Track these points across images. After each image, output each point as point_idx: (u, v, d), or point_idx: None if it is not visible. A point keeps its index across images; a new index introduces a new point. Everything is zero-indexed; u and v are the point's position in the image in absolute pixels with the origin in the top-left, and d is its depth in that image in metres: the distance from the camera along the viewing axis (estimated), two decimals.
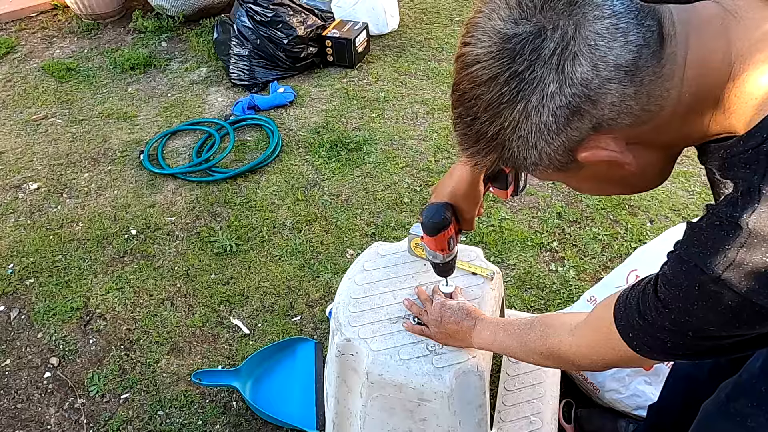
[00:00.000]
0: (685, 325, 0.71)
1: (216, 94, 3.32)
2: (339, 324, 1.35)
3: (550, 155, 0.69)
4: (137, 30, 3.94)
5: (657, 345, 0.76)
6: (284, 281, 2.24)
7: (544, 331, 1.01)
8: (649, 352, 0.78)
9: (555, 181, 0.79)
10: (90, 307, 2.20)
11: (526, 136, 0.68)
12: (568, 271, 2.18)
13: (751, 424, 1.04)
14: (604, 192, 0.83)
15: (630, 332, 0.79)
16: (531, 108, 0.65)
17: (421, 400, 1.26)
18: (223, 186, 2.69)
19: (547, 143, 0.68)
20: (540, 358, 1.03)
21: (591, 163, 0.70)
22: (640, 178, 0.76)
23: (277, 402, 1.83)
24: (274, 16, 3.22)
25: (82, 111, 3.26)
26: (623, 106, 0.64)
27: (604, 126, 0.66)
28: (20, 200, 2.71)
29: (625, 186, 0.79)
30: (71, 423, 1.88)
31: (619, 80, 0.63)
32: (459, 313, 1.23)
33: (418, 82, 3.25)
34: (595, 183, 0.77)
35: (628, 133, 0.67)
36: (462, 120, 0.72)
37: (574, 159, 0.70)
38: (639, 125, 0.66)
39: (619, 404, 1.69)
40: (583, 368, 0.97)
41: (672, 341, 0.74)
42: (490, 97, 0.66)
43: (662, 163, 0.75)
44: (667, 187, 2.51)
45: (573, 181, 0.78)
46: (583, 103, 0.64)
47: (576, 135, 0.67)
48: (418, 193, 2.56)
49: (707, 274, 0.66)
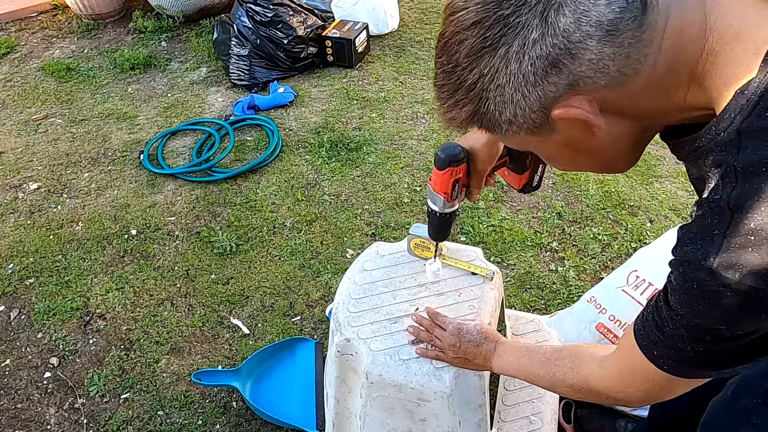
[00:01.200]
0: (699, 329, 0.71)
1: (216, 94, 3.32)
2: (339, 324, 1.35)
3: (524, 111, 0.70)
4: (137, 30, 3.95)
5: (681, 358, 0.75)
6: (284, 281, 2.24)
7: (574, 363, 0.99)
8: (675, 368, 0.77)
9: (529, 150, 0.78)
10: (90, 307, 2.21)
11: (504, 86, 0.68)
12: (568, 271, 2.18)
13: (757, 421, 1.04)
14: (576, 164, 0.82)
15: (654, 350, 0.78)
16: (512, 54, 0.66)
17: (421, 400, 1.26)
18: (223, 186, 2.69)
19: (523, 96, 0.68)
20: (571, 390, 1.00)
21: (563, 124, 0.70)
22: (610, 151, 0.76)
23: (277, 402, 1.83)
24: (274, 16, 3.22)
25: (82, 111, 3.26)
26: (601, 64, 0.65)
27: (581, 84, 0.66)
28: (20, 200, 2.71)
29: (596, 159, 0.78)
30: (71, 423, 1.88)
31: (600, 38, 0.64)
32: (477, 337, 1.20)
33: (418, 82, 3.25)
34: (567, 151, 0.77)
35: (603, 95, 0.67)
36: (443, 69, 0.72)
37: (548, 120, 0.70)
38: (614, 88, 0.67)
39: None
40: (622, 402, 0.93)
41: (693, 350, 0.73)
42: (473, 41, 0.67)
43: (633, 139, 0.75)
44: (666, 187, 2.51)
45: (545, 147, 0.78)
46: (563, 56, 0.65)
47: (552, 91, 0.67)
48: (418, 193, 2.56)
49: (702, 268, 0.66)
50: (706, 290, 0.67)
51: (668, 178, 2.57)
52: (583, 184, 2.54)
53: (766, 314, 0.66)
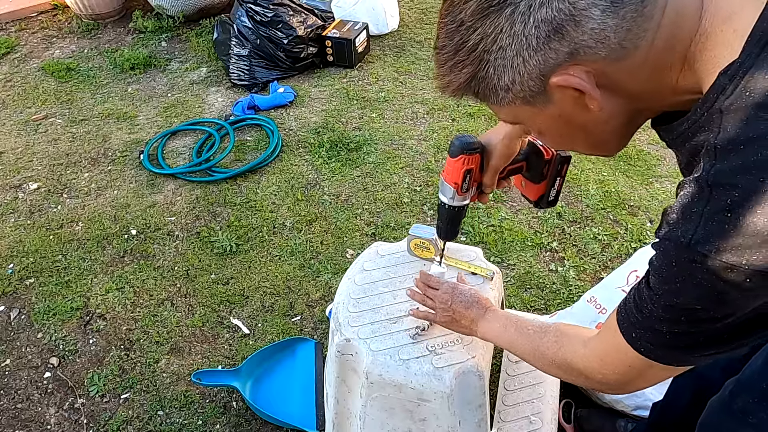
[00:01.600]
0: (676, 309, 0.71)
1: (216, 94, 3.32)
2: (339, 324, 1.35)
3: (523, 77, 0.70)
4: (137, 30, 3.95)
5: (658, 340, 0.76)
6: (284, 281, 2.24)
7: (560, 339, 1.00)
8: (652, 351, 0.78)
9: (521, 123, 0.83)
10: (90, 307, 2.21)
11: (506, 48, 0.69)
12: (568, 271, 2.18)
13: (753, 420, 1.04)
14: (567, 140, 0.83)
15: (633, 332, 0.79)
16: (517, 15, 0.66)
17: (421, 400, 1.26)
18: (223, 186, 2.69)
19: (524, 60, 0.69)
20: (551, 366, 1.01)
21: (560, 94, 0.71)
22: (602, 129, 0.77)
23: (277, 402, 1.83)
24: (274, 16, 3.22)
25: (82, 111, 3.26)
26: (602, 35, 0.66)
27: (581, 54, 0.67)
28: (20, 200, 2.71)
29: (588, 135, 0.79)
30: (71, 423, 1.88)
31: (604, 8, 0.65)
32: (470, 299, 1.22)
33: (418, 82, 3.26)
34: (559, 125, 0.78)
35: (601, 67, 0.68)
36: (446, 29, 0.72)
37: (545, 89, 0.71)
38: (613, 61, 0.68)
39: (618, 404, 1.69)
40: (596, 383, 0.93)
41: (669, 331, 0.74)
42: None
43: (625, 118, 0.76)
44: (666, 187, 2.51)
45: (538, 120, 0.78)
46: (567, 22, 0.65)
47: (552, 57, 0.68)
48: (418, 193, 2.56)
49: (681, 245, 0.67)
50: (684, 268, 0.67)
51: (668, 178, 2.57)
52: (583, 184, 2.54)
53: (742, 295, 0.66)
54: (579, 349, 0.94)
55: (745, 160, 0.62)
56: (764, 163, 0.61)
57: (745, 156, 0.62)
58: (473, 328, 1.20)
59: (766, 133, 0.61)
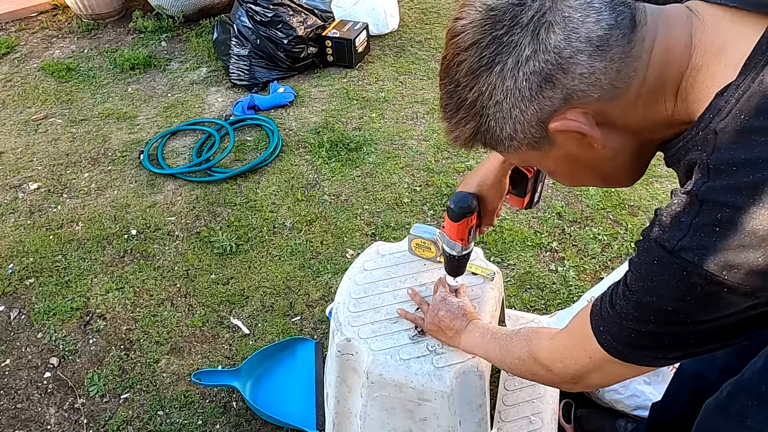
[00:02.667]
0: (648, 308, 0.73)
1: (216, 94, 3.32)
2: (339, 324, 1.35)
3: (524, 126, 0.73)
4: (137, 30, 3.95)
5: (621, 336, 0.78)
6: (284, 281, 2.24)
7: (528, 336, 1.03)
8: (613, 346, 0.79)
9: (532, 165, 0.91)
10: (90, 307, 2.21)
11: (502, 102, 0.72)
12: (568, 271, 2.18)
13: (751, 423, 1.04)
14: (578, 178, 0.85)
15: (600, 325, 0.81)
16: (507, 71, 0.70)
17: (421, 400, 1.26)
18: (223, 186, 2.69)
19: (521, 111, 0.72)
20: (516, 361, 1.03)
21: (562, 137, 0.74)
22: (610, 165, 0.79)
23: (277, 402, 1.83)
24: (274, 16, 3.22)
25: (82, 111, 3.26)
26: (593, 78, 0.68)
27: (575, 98, 0.70)
28: (20, 200, 2.71)
29: (597, 173, 0.82)
30: (71, 423, 1.88)
31: (590, 53, 0.67)
32: (456, 311, 1.25)
33: (418, 82, 3.26)
34: (569, 165, 0.80)
35: (597, 108, 0.71)
36: (446, 89, 0.76)
37: (547, 134, 0.74)
38: (607, 101, 0.70)
39: (618, 404, 1.69)
40: (555, 374, 0.94)
41: (635, 329, 0.75)
42: (471, 61, 0.71)
43: (631, 153, 0.78)
44: (666, 187, 2.51)
45: (547, 162, 0.81)
46: (555, 71, 0.68)
47: (548, 105, 0.71)
48: (418, 193, 2.56)
49: (664, 247, 0.69)
50: (664, 268, 0.69)
51: (668, 178, 2.57)
52: None
53: (715, 304, 0.68)
54: (545, 342, 0.97)
55: (736, 181, 0.64)
56: (755, 186, 0.63)
57: (737, 177, 0.64)
58: (457, 339, 1.23)
59: (758, 156, 0.63)
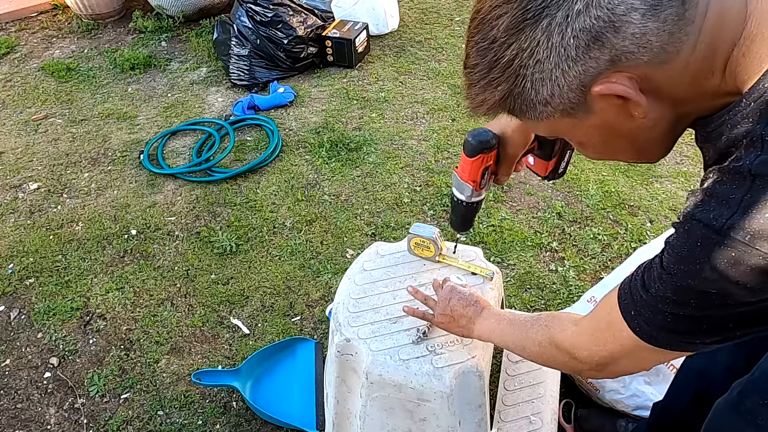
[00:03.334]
0: (687, 292, 0.69)
1: (216, 94, 3.32)
2: (339, 324, 1.35)
3: (562, 90, 0.69)
4: (137, 30, 3.94)
5: (657, 321, 0.74)
6: (284, 281, 2.24)
7: (550, 321, 0.99)
8: (647, 332, 0.76)
9: (560, 136, 0.82)
10: (90, 307, 2.21)
11: (543, 61, 0.67)
12: (568, 271, 2.18)
13: (762, 422, 1.03)
14: (609, 150, 0.80)
15: (632, 309, 0.77)
16: (554, 26, 0.65)
17: (421, 400, 1.26)
18: (223, 186, 2.69)
19: (563, 72, 0.67)
20: (537, 347, 0.99)
21: (602, 103, 0.69)
22: (647, 136, 0.75)
23: (277, 402, 1.83)
24: (274, 16, 3.22)
25: (82, 111, 3.26)
26: (644, 39, 0.64)
27: (622, 60, 0.65)
28: (20, 200, 2.71)
29: (632, 144, 0.77)
30: (71, 423, 1.88)
31: (644, 12, 0.63)
32: (468, 299, 1.21)
33: (418, 82, 3.25)
34: (603, 135, 0.76)
35: (644, 72, 0.66)
36: (477, 47, 0.71)
37: (585, 100, 0.69)
38: (655, 66, 0.66)
39: (618, 404, 1.69)
40: (580, 361, 0.89)
41: (672, 313, 0.72)
42: (513, 14, 0.66)
43: (668, 125, 0.74)
44: (666, 187, 2.51)
45: (580, 131, 0.76)
46: (606, 29, 0.64)
47: (593, 67, 0.66)
48: (418, 193, 2.56)
49: (711, 227, 0.65)
50: (710, 249, 0.65)
51: (668, 178, 2.57)
52: (583, 184, 2.54)
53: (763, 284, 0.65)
54: (569, 327, 0.93)
55: None
56: None
57: None
58: (470, 327, 1.19)
59: None
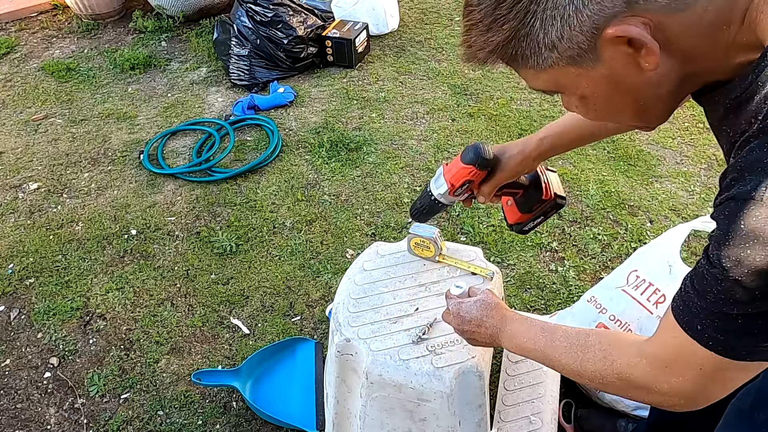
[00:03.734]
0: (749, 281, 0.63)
1: (216, 94, 3.32)
2: (339, 324, 1.35)
3: (572, 32, 0.65)
4: (137, 30, 3.94)
5: (728, 327, 0.67)
6: (284, 281, 2.24)
7: (607, 351, 0.86)
8: (722, 344, 0.68)
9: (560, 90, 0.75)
10: (90, 307, 2.21)
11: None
12: (568, 271, 2.18)
13: None
14: (612, 107, 0.75)
15: (697, 323, 0.70)
16: None
17: (421, 400, 1.26)
18: (223, 186, 2.69)
19: (577, 11, 0.63)
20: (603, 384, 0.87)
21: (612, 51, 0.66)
22: (654, 93, 0.71)
23: (277, 402, 1.83)
24: (274, 16, 3.22)
25: (82, 111, 3.26)
26: None
27: (639, 3, 0.62)
28: (20, 200, 2.71)
29: (637, 100, 0.73)
30: (71, 423, 1.88)
31: None
32: (478, 314, 1.09)
33: (418, 82, 3.25)
34: (608, 88, 0.71)
35: (659, 19, 0.63)
36: None
37: (595, 46, 0.66)
38: (671, 12, 0.63)
39: (619, 404, 1.69)
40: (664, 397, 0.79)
41: (741, 313, 0.65)
42: None
43: (674, 84, 0.70)
44: (666, 187, 2.51)
45: (583, 83, 0.71)
46: None
47: (609, 6, 0.63)
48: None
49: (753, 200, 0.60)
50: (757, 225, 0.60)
51: (668, 178, 2.57)
52: (583, 184, 2.54)
53: None
54: (635, 360, 0.81)
55: None
56: None
57: None
58: (496, 343, 1.08)
59: None
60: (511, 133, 2.84)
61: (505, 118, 2.92)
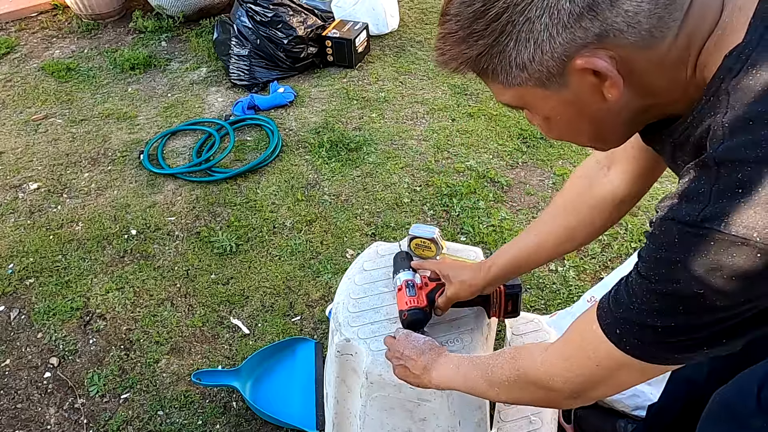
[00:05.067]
0: (674, 297, 0.66)
1: (216, 94, 3.32)
2: (338, 324, 1.35)
3: (543, 56, 0.66)
4: (137, 30, 3.95)
5: (648, 335, 0.71)
6: (284, 281, 2.24)
7: (514, 355, 0.93)
8: (641, 348, 0.72)
9: (523, 107, 0.77)
10: (90, 307, 2.21)
11: (534, 21, 0.64)
12: (568, 271, 2.18)
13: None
14: (572, 129, 0.78)
15: (617, 328, 0.74)
16: None
17: (421, 400, 1.26)
18: (223, 186, 2.69)
19: (550, 37, 0.65)
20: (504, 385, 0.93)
21: (578, 79, 0.68)
22: (613, 121, 0.74)
23: (277, 402, 1.83)
24: (274, 16, 3.22)
25: (82, 111, 3.26)
26: (636, 19, 0.63)
27: (610, 37, 0.64)
28: (20, 200, 2.71)
29: (596, 126, 0.75)
30: (71, 423, 1.88)
31: None
32: (423, 346, 1.14)
33: (418, 82, 3.26)
34: (569, 112, 0.73)
35: (626, 55, 0.66)
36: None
37: (564, 72, 0.67)
38: (638, 49, 0.65)
39: (618, 404, 1.69)
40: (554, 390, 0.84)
41: (663, 325, 0.68)
42: None
43: (633, 113, 0.73)
44: (666, 187, 2.51)
45: (547, 105, 0.73)
46: (603, 0, 0.63)
47: (581, 37, 0.64)
48: (418, 193, 2.56)
49: (687, 222, 0.64)
50: (689, 244, 0.64)
51: (668, 178, 2.56)
52: None
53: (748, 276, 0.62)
54: (537, 356, 0.87)
55: (754, 135, 0.61)
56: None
57: (754, 131, 0.61)
58: (425, 376, 1.10)
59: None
60: (511, 133, 2.84)
61: (505, 118, 2.92)
